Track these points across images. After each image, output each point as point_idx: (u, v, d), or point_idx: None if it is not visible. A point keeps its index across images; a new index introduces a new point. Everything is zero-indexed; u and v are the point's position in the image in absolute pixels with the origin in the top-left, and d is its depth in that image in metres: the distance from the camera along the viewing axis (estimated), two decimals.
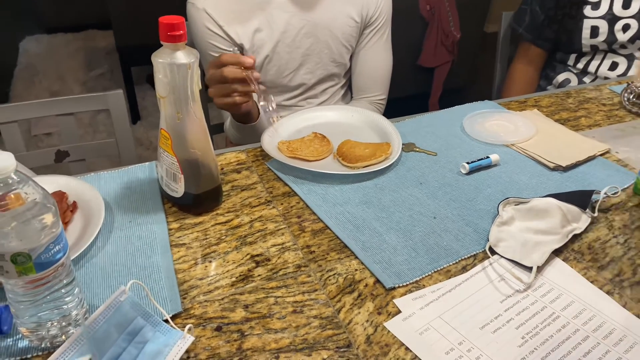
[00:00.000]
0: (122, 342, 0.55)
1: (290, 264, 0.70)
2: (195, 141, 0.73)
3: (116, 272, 0.67)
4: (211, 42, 1.11)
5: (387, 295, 0.65)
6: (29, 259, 0.51)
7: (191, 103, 0.70)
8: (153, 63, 0.69)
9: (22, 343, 0.58)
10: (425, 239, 0.73)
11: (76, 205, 0.77)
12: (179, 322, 0.61)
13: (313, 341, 0.59)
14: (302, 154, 0.89)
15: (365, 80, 1.27)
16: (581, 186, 0.84)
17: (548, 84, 1.52)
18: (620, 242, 0.74)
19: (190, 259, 0.70)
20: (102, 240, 0.73)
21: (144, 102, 2.91)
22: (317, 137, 0.94)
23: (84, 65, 3.36)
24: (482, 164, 0.88)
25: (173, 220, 0.77)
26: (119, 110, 1.13)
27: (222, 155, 0.93)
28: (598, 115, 1.08)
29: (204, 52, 1.14)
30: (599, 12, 1.35)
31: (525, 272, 0.68)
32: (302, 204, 0.81)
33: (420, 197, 0.82)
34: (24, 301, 0.54)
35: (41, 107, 1.09)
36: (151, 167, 0.89)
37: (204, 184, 0.76)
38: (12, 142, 1.08)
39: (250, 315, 0.62)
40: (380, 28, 1.23)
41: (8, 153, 0.49)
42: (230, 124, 1.10)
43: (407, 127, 1.01)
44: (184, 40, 0.67)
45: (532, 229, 0.73)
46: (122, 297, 0.56)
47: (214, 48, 1.12)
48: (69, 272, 0.56)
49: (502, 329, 0.60)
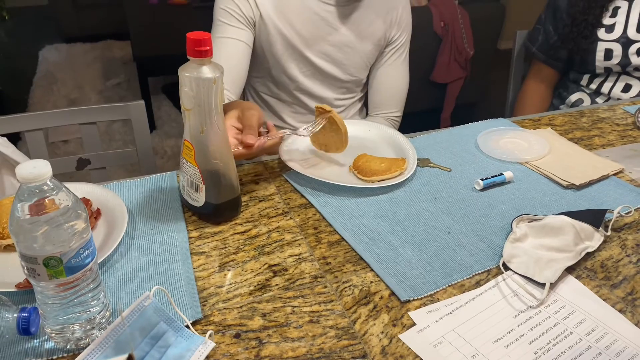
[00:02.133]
0: (146, 346, 0.56)
1: (307, 274, 0.71)
2: (218, 153, 0.75)
3: (138, 278, 0.69)
4: (235, 1, 1.10)
5: (402, 308, 0.66)
6: (60, 262, 0.53)
7: (215, 116, 0.73)
8: (179, 76, 0.71)
9: (48, 344, 0.60)
10: (439, 253, 0.75)
11: (100, 212, 0.79)
12: (199, 329, 0.62)
13: (329, 350, 0.60)
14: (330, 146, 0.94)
15: (382, 97, 1.29)
16: (594, 205, 0.85)
17: (561, 103, 1.53)
18: (633, 261, 0.74)
19: (209, 267, 0.72)
20: (124, 246, 0.75)
21: (159, 112, 2.96)
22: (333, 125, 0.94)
23: (101, 74, 3.42)
24: (496, 180, 0.90)
25: (193, 229, 0.79)
26: (140, 120, 1.16)
27: (240, 167, 0.95)
28: (611, 135, 1.09)
29: (219, 11, 1.12)
30: (613, 35, 1.36)
31: (538, 289, 0.69)
32: (319, 215, 0.83)
33: (435, 212, 0.83)
34: (53, 303, 0.56)
35: (65, 115, 1.12)
36: (172, 176, 0.91)
37: (224, 194, 0.79)
38: (37, 150, 1.11)
39: (268, 323, 0.64)
40: (400, 47, 1.25)
41: (44, 161, 0.51)
42: None
43: (422, 143, 1.03)
44: (210, 55, 0.70)
45: (545, 246, 0.74)
46: (146, 302, 0.58)
47: (232, 10, 1.10)
48: (96, 277, 0.58)
49: (515, 343, 0.61)
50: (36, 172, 0.50)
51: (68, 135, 2.62)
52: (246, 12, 1.11)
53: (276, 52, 1.15)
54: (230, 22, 1.11)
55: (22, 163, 0.51)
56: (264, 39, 1.14)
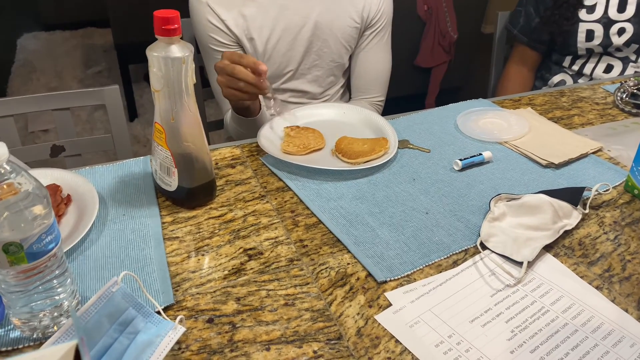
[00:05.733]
0: (114, 333, 0.55)
1: (282, 257, 0.70)
2: (189, 135, 0.73)
3: (109, 264, 0.68)
4: (212, 36, 1.12)
5: (378, 289, 0.65)
6: (20, 248, 0.51)
7: (185, 97, 0.71)
8: (147, 57, 0.69)
9: (14, 333, 0.58)
10: (417, 233, 0.74)
11: (70, 198, 0.77)
12: (171, 314, 0.61)
13: (304, 333, 0.59)
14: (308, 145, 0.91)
15: (364, 82, 1.28)
16: (573, 183, 0.85)
17: (543, 85, 1.52)
18: (611, 239, 0.74)
19: (183, 252, 0.71)
20: (95, 233, 0.73)
21: (142, 100, 2.92)
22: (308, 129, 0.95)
23: (81, 62, 3.36)
24: (475, 160, 0.89)
25: (167, 214, 0.78)
26: (115, 106, 1.13)
27: (216, 150, 0.93)
28: (591, 114, 1.09)
29: (205, 45, 1.14)
30: (594, 16, 1.36)
31: (515, 267, 0.68)
32: (296, 198, 0.81)
33: (413, 193, 0.82)
34: (16, 291, 0.54)
35: (38, 101, 1.09)
36: (146, 161, 0.89)
37: (197, 178, 0.77)
38: (8, 137, 1.08)
39: (242, 307, 0.62)
40: (380, 30, 1.23)
41: (1, 142, 0.49)
42: (231, 116, 1.10)
43: (400, 124, 1.02)
44: (179, 34, 0.68)
45: (523, 225, 0.74)
46: (114, 288, 0.56)
47: (215, 42, 1.12)
48: (61, 263, 0.56)
49: (492, 322, 0.61)
50: None
51: (48, 125, 2.57)
52: (227, 41, 1.13)
53: (260, 58, 1.16)
54: (223, 50, 1.13)
55: None
56: (250, 54, 1.15)
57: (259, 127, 0.96)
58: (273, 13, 1.11)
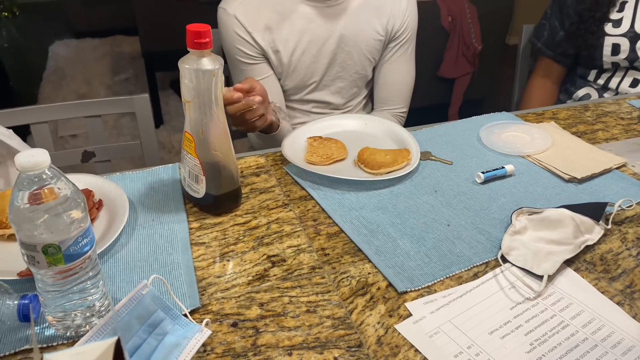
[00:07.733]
0: (143, 334, 0.57)
1: (305, 265, 0.72)
2: (218, 144, 0.76)
3: (138, 267, 0.70)
4: (239, 47, 1.14)
5: (398, 299, 0.66)
6: (58, 250, 0.54)
7: (215, 108, 0.73)
8: (180, 68, 0.72)
9: (48, 331, 0.60)
10: (438, 245, 0.75)
11: (102, 203, 0.80)
12: (197, 317, 0.63)
13: (325, 340, 0.61)
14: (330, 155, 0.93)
15: (387, 93, 1.29)
16: (595, 198, 0.85)
17: (568, 98, 1.52)
18: (633, 255, 0.74)
19: (209, 258, 0.73)
20: (125, 237, 0.76)
21: (167, 107, 2.97)
22: (330, 140, 0.97)
23: (110, 69, 3.44)
24: (497, 174, 0.89)
25: (194, 220, 0.80)
26: (145, 114, 1.17)
27: (242, 159, 0.96)
28: (616, 129, 1.08)
29: (231, 56, 1.17)
30: (620, 30, 1.35)
31: (536, 281, 0.69)
32: (318, 208, 0.83)
33: (435, 205, 0.83)
34: (52, 291, 0.57)
35: (70, 108, 1.13)
36: (174, 168, 0.92)
37: (224, 185, 0.79)
38: (42, 142, 1.12)
39: (265, 313, 0.64)
40: (405, 43, 1.25)
41: (43, 150, 0.52)
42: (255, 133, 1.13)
43: (423, 136, 1.03)
44: (210, 47, 0.70)
45: (544, 239, 0.74)
46: (144, 291, 0.58)
47: (241, 53, 1.15)
48: (95, 265, 0.59)
49: (511, 335, 0.61)
50: (34, 161, 0.51)
51: (77, 130, 2.64)
52: (253, 53, 1.15)
53: (286, 69, 1.19)
54: (249, 62, 1.16)
55: (20, 152, 0.52)
56: (276, 66, 1.18)
57: (280, 141, 0.98)
58: (299, 26, 1.14)
